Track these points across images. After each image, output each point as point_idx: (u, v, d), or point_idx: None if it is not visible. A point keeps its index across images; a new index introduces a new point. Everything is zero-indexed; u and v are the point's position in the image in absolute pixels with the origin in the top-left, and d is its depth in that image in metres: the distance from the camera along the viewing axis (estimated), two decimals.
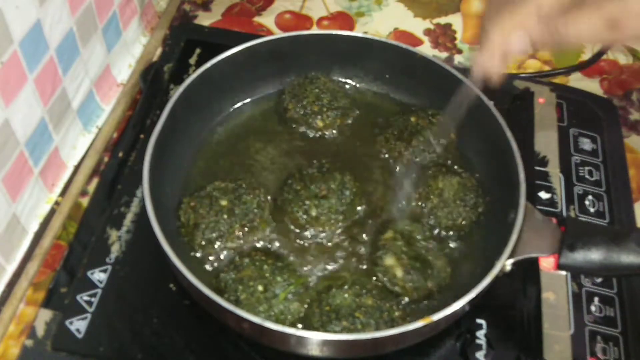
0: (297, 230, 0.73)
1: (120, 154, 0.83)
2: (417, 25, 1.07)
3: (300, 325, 0.66)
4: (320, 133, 0.83)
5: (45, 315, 0.69)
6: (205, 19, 1.05)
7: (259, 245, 0.72)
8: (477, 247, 0.73)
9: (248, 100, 0.86)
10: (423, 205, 0.75)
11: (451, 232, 0.74)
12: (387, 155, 0.81)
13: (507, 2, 0.57)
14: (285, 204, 0.74)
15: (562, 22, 0.54)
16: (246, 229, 0.72)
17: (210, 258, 0.71)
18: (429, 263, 0.70)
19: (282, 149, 0.82)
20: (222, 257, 0.71)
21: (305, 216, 0.73)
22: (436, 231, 0.74)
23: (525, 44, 0.56)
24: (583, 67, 1.02)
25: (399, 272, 0.69)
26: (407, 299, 0.68)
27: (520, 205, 0.67)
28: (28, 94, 0.71)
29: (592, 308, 0.74)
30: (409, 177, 0.79)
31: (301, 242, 0.73)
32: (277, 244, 0.72)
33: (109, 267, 0.72)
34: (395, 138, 0.80)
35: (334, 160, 0.80)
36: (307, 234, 0.73)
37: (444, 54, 1.03)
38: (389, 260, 0.70)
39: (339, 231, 0.74)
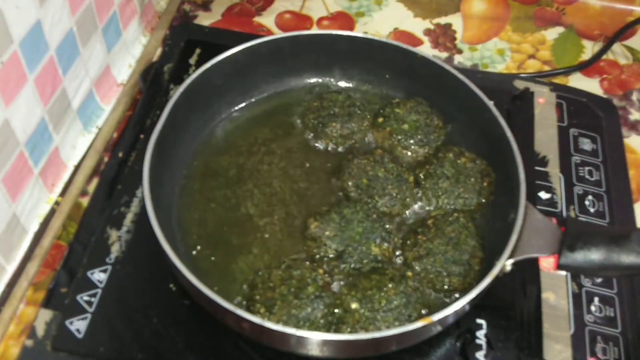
0: None
1: (120, 154, 0.83)
2: (417, 25, 1.07)
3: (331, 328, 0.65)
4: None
5: (45, 315, 0.69)
6: (205, 19, 1.05)
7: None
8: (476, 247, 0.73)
9: (248, 100, 0.86)
10: (432, 191, 0.76)
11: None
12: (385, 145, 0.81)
13: None
14: None
15: None
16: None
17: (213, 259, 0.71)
18: (462, 256, 0.70)
19: (284, 149, 0.82)
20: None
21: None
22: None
23: None
24: (583, 67, 1.02)
25: (434, 275, 0.69)
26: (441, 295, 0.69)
27: (520, 205, 0.67)
28: (28, 94, 0.71)
29: (592, 308, 0.73)
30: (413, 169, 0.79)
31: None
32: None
33: (109, 267, 0.72)
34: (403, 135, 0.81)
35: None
36: None
37: (444, 54, 1.03)
38: (422, 264, 0.69)
39: None
